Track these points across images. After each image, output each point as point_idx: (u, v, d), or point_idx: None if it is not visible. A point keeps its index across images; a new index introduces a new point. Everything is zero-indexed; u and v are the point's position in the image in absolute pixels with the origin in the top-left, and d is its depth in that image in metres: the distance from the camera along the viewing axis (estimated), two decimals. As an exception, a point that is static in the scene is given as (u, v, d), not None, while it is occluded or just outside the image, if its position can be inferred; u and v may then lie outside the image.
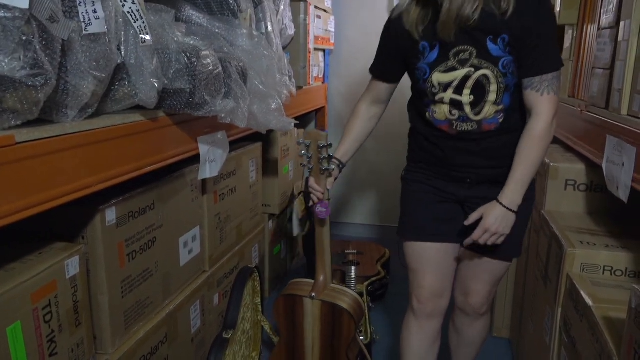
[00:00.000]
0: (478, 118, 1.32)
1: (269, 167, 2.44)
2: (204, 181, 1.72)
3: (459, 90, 1.29)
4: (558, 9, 2.00)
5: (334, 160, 1.48)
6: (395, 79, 1.47)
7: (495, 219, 1.30)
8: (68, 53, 0.93)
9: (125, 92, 1.12)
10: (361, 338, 1.72)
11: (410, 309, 1.53)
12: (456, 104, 1.31)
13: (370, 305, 2.02)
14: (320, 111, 3.15)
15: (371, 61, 1.48)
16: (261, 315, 1.90)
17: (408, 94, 1.47)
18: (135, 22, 1.08)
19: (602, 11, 1.58)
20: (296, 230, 1.61)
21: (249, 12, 1.69)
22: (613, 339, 1.04)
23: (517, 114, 1.35)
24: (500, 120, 1.33)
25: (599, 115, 1.47)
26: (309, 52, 2.57)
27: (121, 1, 1.06)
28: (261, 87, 1.56)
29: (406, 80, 1.47)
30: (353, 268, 2.30)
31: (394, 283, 2.60)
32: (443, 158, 1.41)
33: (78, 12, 0.93)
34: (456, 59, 1.28)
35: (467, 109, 1.31)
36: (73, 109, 0.97)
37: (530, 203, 1.43)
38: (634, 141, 1.17)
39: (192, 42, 1.27)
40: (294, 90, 1.98)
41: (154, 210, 1.43)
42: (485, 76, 1.27)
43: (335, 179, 1.51)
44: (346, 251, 2.60)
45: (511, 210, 1.31)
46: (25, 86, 0.82)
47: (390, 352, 2.09)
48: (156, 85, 1.11)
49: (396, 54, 1.39)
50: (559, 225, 1.55)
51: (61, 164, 0.94)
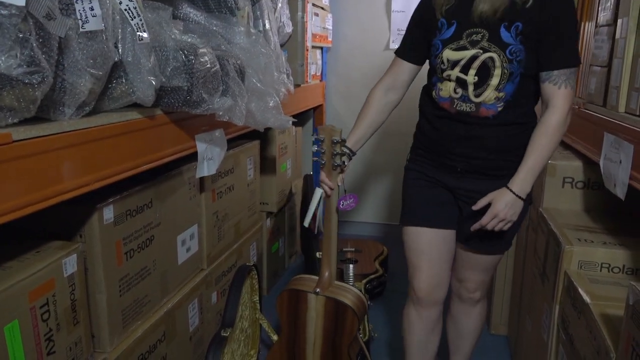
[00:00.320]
0: (478, 100, 1.35)
1: (267, 165, 2.44)
2: (202, 179, 1.72)
3: (466, 69, 1.34)
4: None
5: (344, 148, 1.49)
6: (417, 60, 1.51)
7: (504, 205, 1.33)
8: (65, 51, 0.92)
9: (122, 90, 1.11)
10: (360, 335, 1.72)
11: (409, 299, 1.59)
12: (461, 83, 1.36)
13: (368, 303, 2.01)
14: (318, 109, 3.14)
15: (369, 59, 1.49)
16: (259, 313, 1.90)
17: (412, 95, 1.49)
18: (132, 20, 1.07)
19: (600, 9, 1.58)
20: (307, 220, 1.59)
21: (247, 10, 1.68)
22: (611, 336, 1.04)
23: (518, 111, 1.37)
24: (499, 108, 1.35)
25: (597, 112, 1.47)
26: (307, 50, 2.57)
27: (118, -2, 1.05)
28: (259, 85, 1.56)
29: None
30: (351, 266, 2.30)
31: (392, 281, 2.61)
32: (438, 140, 1.45)
33: (75, 10, 0.93)
34: (468, 40, 1.33)
35: (470, 89, 1.35)
36: (70, 107, 0.97)
37: (527, 201, 1.44)
38: (632, 138, 1.17)
39: (190, 40, 1.27)
40: (292, 88, 1.97)
41: (152, 208, 1.42)
42: (491, 59, 1.31)
43: (344, 173, 1.52)
44: (344, 249, 2.60)
45: (520, 197, 1.34)
46: (22, 84, 0.81)
47: (388, 350, 2.09)
48: (153, 83, 1.11)
49: (421, 29, 1.45)
50: (557, 222, 1.55)
51: (58, 162, 0.93)
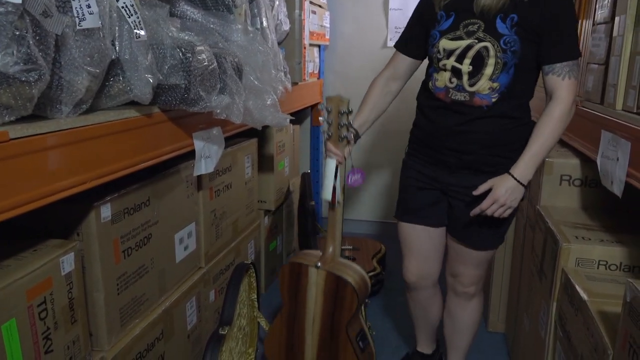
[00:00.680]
0: (472, 89, 1.38)
1: (265, 163, 2.44)
2: (200, 177, 1.71)
3: (461, 59, 1.37)
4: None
5: (351, 129, 1.51)
6: (416, 54, 1.55)
7: (505, 190, 1.34)
8: (62, 48, 0.92)
9: (119, 88, 1.11)
10: (361, 317, 1.70)
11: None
12: (456, 72, 1.39)
13: (366, 300, 2.01)
14: (315, 107, 3.14)
15: (366, 56, 1.50)
16: (257, 311, 1.90)
17: (409, 94, 1.49)
18: (129, 17, 1.07)
19: (597, 6, 1.59)
20: (327, 193, 1.55)
21: (244, 8, 1.68)
22: (608, 333, 1.05)
23: (513, 103, 1.39)
24: (493, 99, 1.37)
25: (594, 110, 1.47)
26: (304, 48, 2.57)
27: (115, -4, 1.05)
28: (256, 83, 1.55)
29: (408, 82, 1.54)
30: (349, 264, 2.30)
31: (390, 279, 2.61)
32: (432, 132, 1.47)
33: (72, 7, 0.92)
34: (464, 30, 1.36)
35: (465, 78, 1.38)
36: (67, 105, 0.97)
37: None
38: (629, 136, 1.18)
39: (187, 38, 1.26)
40: (289, 86, 1.97)
41: (149, 206, 1.42)
42: (485, 48, 1.33)
43: (351, 150, 1.54)
44: (342, 247, 2.60)
45: (521, 183, 1.35)
46: (18, 82, 0.81)
47: (386, 347, 2.09)
48: (151, 80, 1.10)
49: (421, 26, 1.50)
50: (554, 220, 1.56)
51: (55, 161, 0.93)
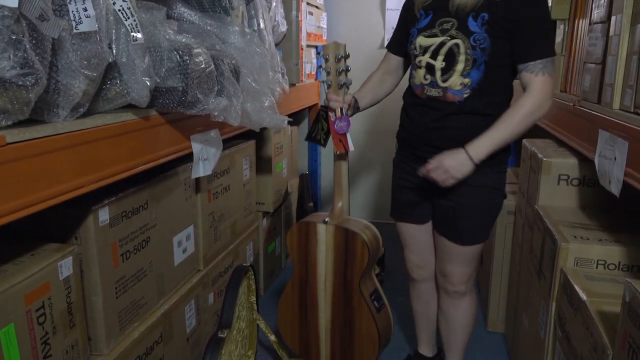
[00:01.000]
0: (445, 85, 1.44)
1: (263, 165, 2.44)
2: (198, 180, 1.71)
3: (435, 55, 1.43)
4: (550, 4, 2.01)
5: (353, 96, 1.56)
6: (404, 53, 1.63)
7: (453, 160, 1.38)
8: (59, 52, 0.92)
9: (117, 91, 1.11)
10: (374, 275, 1.69)
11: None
12: (430, 69, 1.45)
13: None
14: (313, 108, 3.14)
15: (363, 57, 1.52)
16: (257, 313, 1.89)
17: (402, 94, 1.51)
18: (126, 20, 1.07)
19: (594, 6, 1.59)
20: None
21: (241, 9, 1.68)
22: (607, 333, 1.05)
23: (485, 100, 1.43)
24: (465, 95, 1.43)
25: (591, 109, 1.47)
26: (302, 49, 2.57)
27: (112, -1, 1.05)
28: (254, 85, 1.55)
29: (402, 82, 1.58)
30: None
31: (389, 279, 2.61)
32: (412, 130, 1.55)
33: (68, 11, 0.92)
34: (439, 28, 1.43)
35: (438, 75, 1.44)
36: (64, 109, 0.96)
37: (497, 193, 1.52)
38: (626, 135, 1.18)
39: (184, 40, 1.26)
40: (287, 87, 1.97)
41: (148, 209, 1.42)
42: (457, 45, 1.40)
43: (352, 112, 1.59)
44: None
45: (472, 160, 1.38)
46: (15, 86, 0.81)
47: (387, 348, 2.09)
48: (148, 83, 1.10)
49: (405, 26, 1.57)
50: (552, 220, 1.56)
51: (53, 165, 0.93)
